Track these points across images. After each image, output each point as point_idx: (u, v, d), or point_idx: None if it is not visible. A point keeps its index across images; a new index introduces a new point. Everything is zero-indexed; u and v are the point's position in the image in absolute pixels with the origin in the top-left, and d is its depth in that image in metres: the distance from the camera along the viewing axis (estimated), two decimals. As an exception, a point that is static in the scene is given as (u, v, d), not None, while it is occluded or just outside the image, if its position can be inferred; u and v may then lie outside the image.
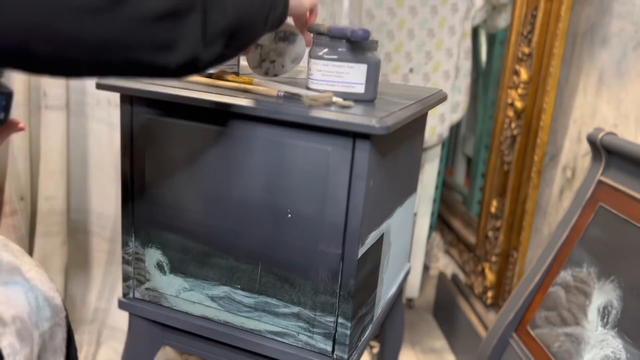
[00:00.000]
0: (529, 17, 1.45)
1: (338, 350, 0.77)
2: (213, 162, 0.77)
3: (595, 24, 1.30)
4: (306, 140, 0.71)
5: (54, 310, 0.72)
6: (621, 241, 1.01)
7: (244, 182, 0.76)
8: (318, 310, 0.76)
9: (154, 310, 0.86)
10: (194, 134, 0.77)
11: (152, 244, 0.84)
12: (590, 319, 1.00)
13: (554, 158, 1.45)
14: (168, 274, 0.85)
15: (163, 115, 0.79)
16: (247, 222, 0.77)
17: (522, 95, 1.46)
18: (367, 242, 0.76)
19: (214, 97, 0.73)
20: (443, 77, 1.66)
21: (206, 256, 0.81)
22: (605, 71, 1.25)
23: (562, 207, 1.40)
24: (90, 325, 1.48)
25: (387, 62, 1.65)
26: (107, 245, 1.45)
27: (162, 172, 0.81)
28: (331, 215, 0.72)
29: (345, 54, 0.75)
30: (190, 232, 0.81)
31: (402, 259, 1.05)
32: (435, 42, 1.63)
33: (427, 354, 1.69)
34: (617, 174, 1.08)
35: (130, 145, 0.82)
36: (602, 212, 1.08)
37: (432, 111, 1.64)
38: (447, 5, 1.60)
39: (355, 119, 0.67)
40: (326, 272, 0.75)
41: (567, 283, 1.09)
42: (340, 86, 0.76)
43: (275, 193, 0.75)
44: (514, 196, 1.52)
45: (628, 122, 1.17)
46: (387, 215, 0.85)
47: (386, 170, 0.79)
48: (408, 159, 0.93)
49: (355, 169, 0.70)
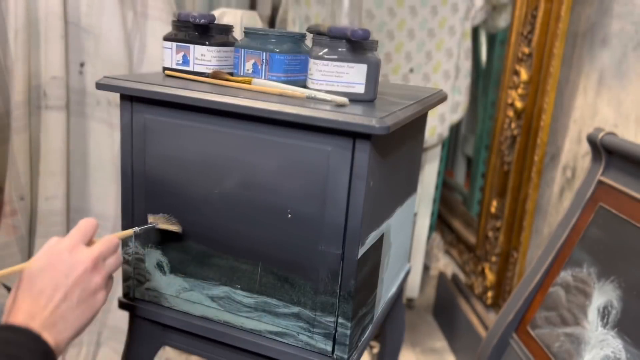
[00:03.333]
0: (529, 17, 1.45)
1: (338, 350, 0.77)
2: (213, 162, 0.77)
3: (595, 24, 1.30)
4: (306, 140, 0.71)
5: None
6: (621, 241, 1.01)
7: (243, 182, 0.76)
8: (318, 311, 0.76)
9: (154, 310, 0.86)
10: (194, 134, 0.77)
11: (152, 244, 0.84)
12: (590, 319, 1.00)
13: (554, 158, 1.45)
14: (168, 274, 0.85)
15: (163, 115, 0.79)
16: (247, 222, 0.77)
17: (522, 96, 1.46)
18: (367, 242, 0.76)
19: (214, 97, 0.73)
20: (443, 77, 1.66)
21: (206, 256, 0.81)
22: (605, 71, 1.25)
23: (562, 207, 1.40)
24: (90, 326, 1.48)
25: (387, 62, 1.65)
26: (107, 245, 1.44)
27: (162, 172, 0.81)
28: (331, 216, 0.72)
29: (345, 54, 0.74)
30: (190, 232, 0.81)
31: (402, 259, 1.05)
32: (436, 42, 1.63)
33: (427, 354, 1.69)
34: (617, 174, 1.08)
35: (130, 145, 0.82)
36: (602, 212, 1.08)
37: (432, 111, 1.64)
38: (447, 6, 1.60)
39: (355, 119, 0.66)
40: (326, 272, 0.75)
41: (567, 283, 1.09)
42: (340, 86, 0.76)
43: (275, 193, 0.75)
44: (514, 196, 1.52)
45: (628, 123, 1.17)
46: (387, 215, 0.85)
47: (386, 170, 0.79)
48: (408, 159, 0.93)
49: (355, 169, 0.70)
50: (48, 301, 0.60)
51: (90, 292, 0.63)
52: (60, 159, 1.34)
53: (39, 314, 0.59)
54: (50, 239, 0.66)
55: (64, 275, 0.61)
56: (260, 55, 0.80)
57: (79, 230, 0.66)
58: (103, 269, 0.65)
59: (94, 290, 0.63)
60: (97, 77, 1.35)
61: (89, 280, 0.62)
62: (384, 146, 0.75)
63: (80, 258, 0.63)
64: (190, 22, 0.82)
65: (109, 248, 0.67)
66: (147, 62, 1.42)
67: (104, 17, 1.35)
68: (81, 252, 0.64)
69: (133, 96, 0.80)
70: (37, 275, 0.61)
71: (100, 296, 0.64)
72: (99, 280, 0.64)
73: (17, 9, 1.23)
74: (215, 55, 0.84)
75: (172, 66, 0.86)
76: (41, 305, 0.59)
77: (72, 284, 0.61)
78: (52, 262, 0.62)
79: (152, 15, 1.39)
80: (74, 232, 0.66)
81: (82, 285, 0.62)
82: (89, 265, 0.63)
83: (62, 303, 0.60)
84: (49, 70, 1.30)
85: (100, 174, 1.43)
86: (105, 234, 1.53)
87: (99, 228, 0.70)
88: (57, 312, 0.60)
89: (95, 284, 0.63)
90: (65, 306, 0.60)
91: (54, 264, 0.61)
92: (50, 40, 1.28)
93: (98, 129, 1.41)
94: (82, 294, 0.62)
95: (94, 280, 0.63)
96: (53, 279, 0.61)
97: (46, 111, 1.31)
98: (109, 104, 1.40)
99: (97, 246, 0.66)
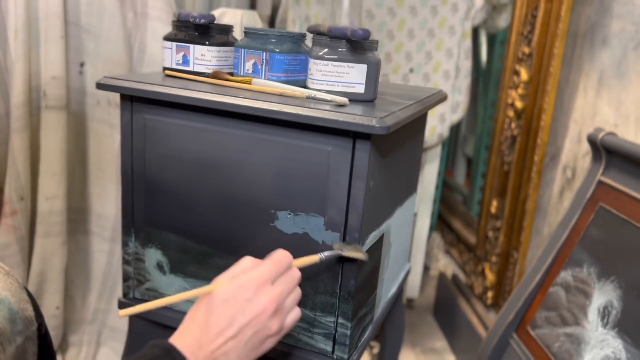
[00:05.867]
0: (529, 17, 1.45)
1: (338, 350, 0.77)
2: (213, 162, 0.77)
3: (595, 24, 1.30)
4: (306, 140, 0.71)
5: (25, 323, 0.68)
6: (621, 241, 1.01)
7: (243, 182, 0.76)
8: (318, 311, 0.76)
9: (154, 310, 0.86)
10: (194, 134, 0.77)
11: (152, 244, 0.84)
12: (590, 319, 1.00)
13: (554, 158, 1.45)
14: (168, 274, 0.85)
15: (163, 115, 0.79)
16: (246, 222, 0.77)
17: (522, 96, 1.46)
18: (367, 242, 0.76)
19: (214, 97, 0.73)
20: (443, 77, 1.66)
21: (206, 256, 0.81)
22: (605, 71, 1.25)
23: (562, 207, 1.40)
24: (90, 326, 1.48)
25: (387, 62, 1.65)
26: (107, 245, 1.45)
27: (162, 172, 0.81)
28: (331, 215, 0.72)
29: (345, 54, 0.75)
30: (190, 233, 0.81)
31: (402, 259, 1.05)
32: (436, 42, 1.63)
33: (427, 354, 1.69)
34: (617, 174, 1.08)
35: (130, 145, 0.82)
36: (602, 212, 1.08)
37: (432, 111, 1.64)
38: (447, 6, 1.60)
39: (355, 119, 0.67)
40: (326, 272, 0.75)
41: (567, 283, 1.09)
42: (340, 86, 0.76)
43: (275, 193, 0.75)
44: (514, 196, 1.51)
45: (628, 123, 1.17)
46: (387, 215, 0.85)
47: (386, 170, 0.79)
48: (408, 159, 0.93)
49: (355, 169, 0.70)
50: (219, 335, 0.59)
51: (263, 336, 0.61)
52: (60, 159, 1.34)
53: (206, 346, 0.59)
54: (243, 259, 0.64)
55: (242, 313, 0.60)
56: (260, 55, 0.80)
57: (273, 264, 0.64)
58: (281, 312, 0.63)
59: (266, 336, 0.62)
60: (97, 77, 1.35)
61: (265, 324, 0.61)
62: (384, 146, 0.75)
63: (263, 299, 0.61)
64: (190, 22, 0.82)
65: (290, 284, 0.64)
66: (147, 62, 1.42)
67: (104, 17, 1.35)
68: (267, 292, 0.61)
69: (133, 96, 0.80)
70: (219, 306, 0.60)
71: (270, 342, 0.63)
72: (274, 325, 0.62)
73: (17, 9, 1.23)
74: (215, 55, 0.84)
75: (172, 66, 0.86)
76: (211, 337, 0.59)
77: (247, 324, 0.60)
78: (236, 296, 0.60)
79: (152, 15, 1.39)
80: (268, 266, 0.63)
81: (256, 328, 0.60)
82: (270, 311, 0.61)
83: (231, 341, 0.59)
84: (49, 70, 1.30)
85: (100, 174, 1.43)
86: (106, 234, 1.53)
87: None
88: (222, 348, 0.59)
89: (269, 330, 0.61)
90: (233, 344, 0.59)
91: (237, 299, 0.60)
92: (50, 40, 1.28)
93: (98, 129, 1.41)
94: (254, 338, 0.61)
95: (269, 325, 0.61)
96: (231, 314, 0.60)
97: (46, 111, 1.31)
98: (109, 104, 1.40)
99: (280, 283, 0.63)
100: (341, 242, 0.73)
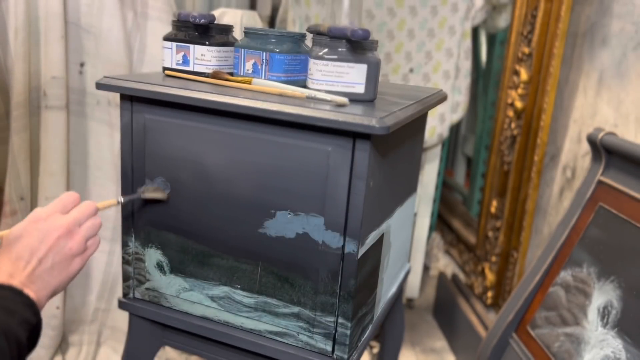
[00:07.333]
0: (529, 17, 1.45)
1: (338, 350, 0.77)
2: (213, 162, 0.77)
3: (595, 24, 1.30)
4: (306, 140, 0.71)
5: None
6: (621, 241, 1.01)
7: (243, 182, 0.76)
8: (318, 310, 0.76)
9: (154, 310, 0.86)
10: (194, 134, 0.77)
11: (152, 244, 0.84)
12: (590, 319, 1.00)
13: (554, 158, 1.45)
14: (168, 274, 0.85)
15: (163, 115, 0.79)
16: (246, 222, 0.77)
17: (522, 96, 1.46)
18: (367, 242, 0.76)
19: (214, 97, 0.73)
20: (443, 77, 1.66)
21: (206, 256, 0.81)
22: (605, 71, 1.26)
23: (562, 207, 1.40)
24: (90, 326, 1.48)
25: (387, 62, 1.65)
26: (107, 245, 1.45)
27: (162, 172, 0.81)
28: (331, 215, 0.72)
29: (345, 54, 0.75)
30: (190, 232, 0.81)
31: (402, 259, 1.05)
32: (436, 42, 1.63)
33: (427, 354, 1.69)
34: (617, 174, 1.08)
35: (130, 145, 0.82)
36: (602, 212, 1.08)
37: (432, 111, 1.64)
38: (447, 6, 1.60)
39: (355, 119, 0.67)
40: (326, 272, 0.75)
41: (567, 283, 1.09)
42: (340, 86, 0.76)
43: (275, 193, 0.75)
44: (514, 196, 1.52)
45: (628, 122, 1.17)
46: (387, 215, 0.85)
47: (386, 170, 0.79)
48: (408, 159, 0.93)
49: (355, 169, 0.70)
50: (26, 264, 0.65)
51: (64, 256, 0.67)
52: (60, 159, 1.34)
53: (18, 274, 0.64)
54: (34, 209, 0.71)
55: (38, 241, 0.66)
56: (260, 55, 0.80)
57: (59, 201, 0.70)
58: (78, 234, 0.69)
59: (67, 254, 0.67)
60: (97, 77, 1.35)
61: (62, 245, 0.67)
62: (384, 146, 0.75)
63: (54, 225, 0.67)
64: (190, 22, 0.82)
65: (84, 213, 0.70)
66: (147, 62, 1.42)
67: (104, 17, 1.35)
68: (56, 219, 0.68)
69: (133, 96, 0.80)
70: (15, 242, 0.66)
71: (77, 261, 0.69)
72: (73, 245, 0.68)
73: (17, 9, 1.23)
74: (215, 55, 0.84)
75: (172, 66, 0.86)
76: (19, 268, 0.64)
77: (46, 249, 0.66)
78: (28, 229, 0.66)
79: (152, 15, 1.39)
80: (54, 202, 0.70)
81: (55, 250, 0.66)
82: (63, 232, 0.67)
83: (38, 266, 0.65)
84: (49, 70, 1.30)
85: (100, 174, 1.43)
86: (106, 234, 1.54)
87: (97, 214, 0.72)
88: (34, 274, 0.65)
89: (69, 249, 0.67)
90: (41, 269, 0.65)
91: (30, 232, 0.66)
92: (50, 40, 1.28)
93: (98, 129, 1.41)
94: (56, 258, 0.66)
95: (68, 245, 0.67)
96: (29, 245, 0.65)
97: (46, 111, 1.31)
98: (109, 104, 1.40)
99: (72, 212, 0.70)
100: (146, 186, 0.81)
